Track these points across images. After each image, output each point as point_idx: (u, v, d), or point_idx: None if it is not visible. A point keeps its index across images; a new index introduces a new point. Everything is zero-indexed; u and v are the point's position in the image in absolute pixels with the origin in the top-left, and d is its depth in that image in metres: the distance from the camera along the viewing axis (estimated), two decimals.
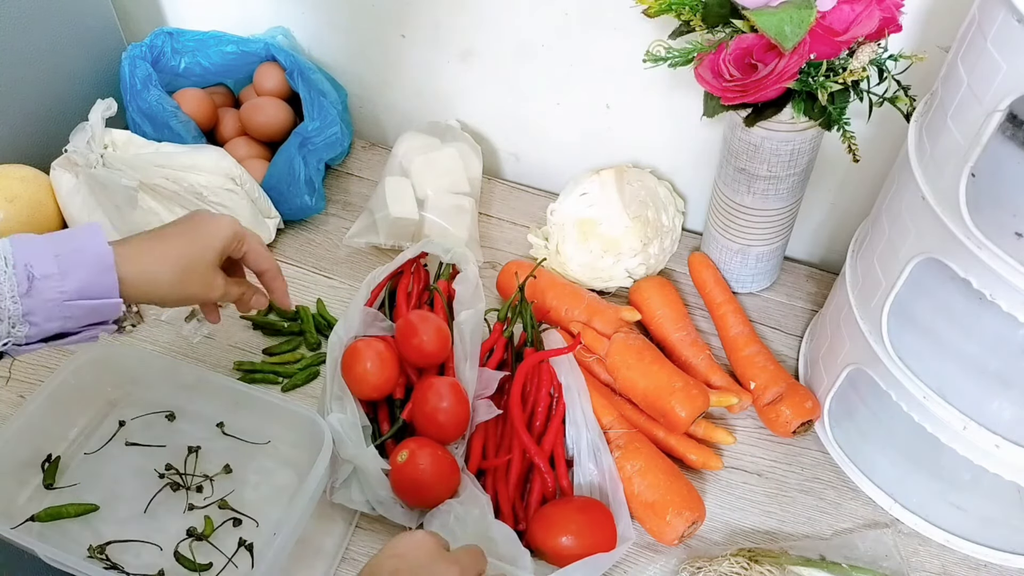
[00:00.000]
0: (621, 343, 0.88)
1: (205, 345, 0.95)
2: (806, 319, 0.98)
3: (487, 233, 1.08)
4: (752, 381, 0.88)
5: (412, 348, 0.84)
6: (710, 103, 0.82)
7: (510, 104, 1.10)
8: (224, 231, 0.71)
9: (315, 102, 1.05)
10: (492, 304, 0.98)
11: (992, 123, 0.57)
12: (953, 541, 0.79)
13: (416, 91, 1.15)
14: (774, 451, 0.87)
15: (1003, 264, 0.59)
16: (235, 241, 0.72)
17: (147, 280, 0.66)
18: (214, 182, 0.97)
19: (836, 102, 0.77)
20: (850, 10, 0.72)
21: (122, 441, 0.84)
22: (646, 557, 0.79)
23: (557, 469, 0.80)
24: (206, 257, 0.70)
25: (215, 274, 0.71)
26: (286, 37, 1.14)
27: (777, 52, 0.73)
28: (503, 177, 1.18)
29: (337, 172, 1.16)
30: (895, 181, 0.72)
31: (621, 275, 0.99)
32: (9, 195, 0.97)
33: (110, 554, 0.75)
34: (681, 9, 0.78)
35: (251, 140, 1.10)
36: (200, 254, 0.69)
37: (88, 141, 0.93)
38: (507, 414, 0.83)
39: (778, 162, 0.85)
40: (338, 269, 1.03)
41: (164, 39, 1.07)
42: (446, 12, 1.03)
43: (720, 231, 0.96)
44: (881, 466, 0.82)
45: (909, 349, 0.73)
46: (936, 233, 0.63)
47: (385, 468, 0.77)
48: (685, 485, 0.79)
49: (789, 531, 0.81)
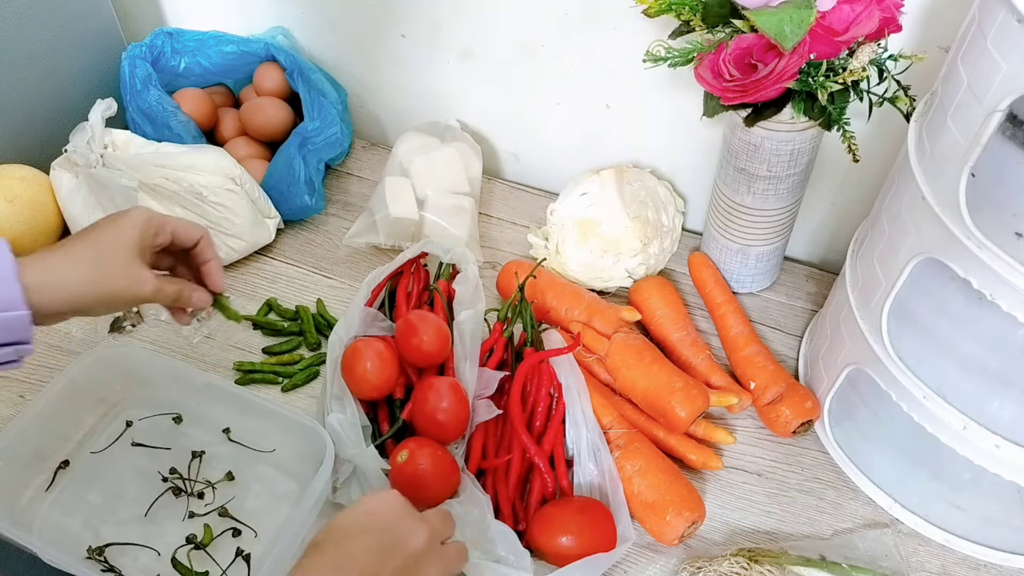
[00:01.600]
0: (621, 343, 0.88)
1: (205, 345, 0.95)
2: (806, 319, 0.98)
3: (487, 233, 1.08)
4: (752, 381, 0.88)
5: (412, 348, 0.84)
6: (710, 103, 0.82)
7: (510, 104, 1.10)
8: (135, 220, 0.67)
9: (315, 102, 1.05)
10: (492, 304, 0.98)
11: (992, 123, 0.57)
12: (953, 541, 0.79)
13: (416, 91, 1.15)
14: (774, 451, 0.87)
15: (1003, 264, 0.59)
16: (151, 228, 0.68)
17: (60, 284, 0.62)
18: (214, 182, 0.97)
19: (836, 102, 0.77)
20: (850, 10, 0.72)
21: (128, 441, 0.84)
22: (646, 557, 0.78)
23: (557, 469, 0.80)
24: (121, 250, 0.66)
25: (139, 268, 0.67)
26: (286, 37, 1.14)
27: (777, 52, 0.73)
28: (503, 177, 1.18)
29: (337, 172, 1.16)
30: (895, 181, 0.72)
31: (621, 275, 0.99)
32: (9, 195, 0.97)
33: (108, 556, 0.75)
34: (681, 9, 0.78)
35: (251, 140, 1.10)
36: (114, 248, 0.65)
37: (88, 141, 0.93)
38: (507, 414, 0.83)
39: (778, 162, 0.85)
40: (338, 269, 1.03)
41: (164, 39, 1.07)
42: (446, 12, 1.03)
43: (720, 231, 0.96)
44: (881, 466, 0.82)
45: (909, 349, 0.73)
46: (936, 233, 0.63)
47: (385, 468, 0.77)
48: (685, 485, 0.79)
49: (789, 531, 0.81)
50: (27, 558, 0.73)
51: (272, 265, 1.04)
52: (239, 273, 1.02)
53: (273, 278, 1.02)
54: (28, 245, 0.99)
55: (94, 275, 0.64)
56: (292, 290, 1.01)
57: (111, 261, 0.65)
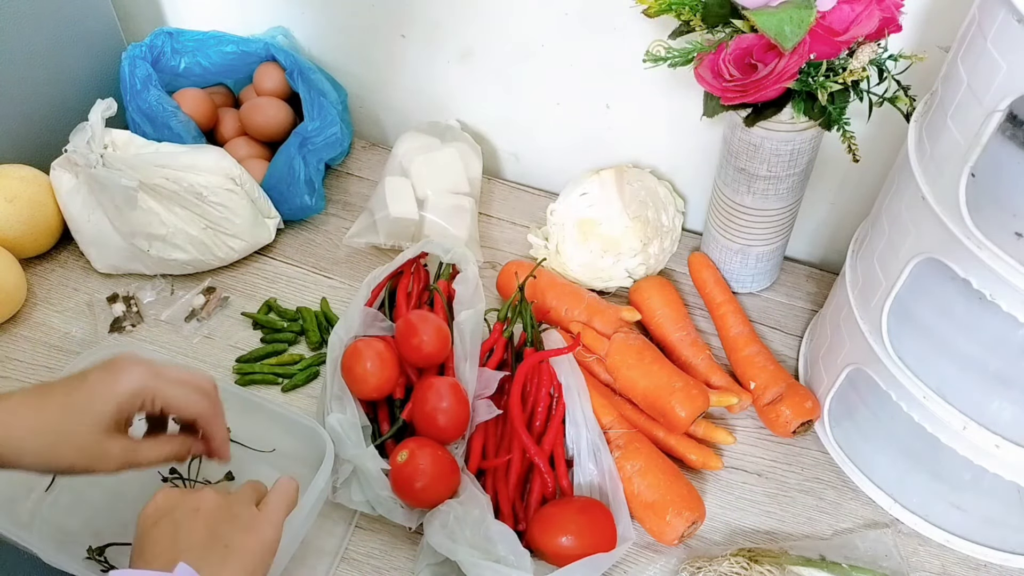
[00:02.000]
0: (621, 343, 0.88)
1: (205, 345, 0.95)
2: (806, 319, 0.98)
3: (487, 233, 1.08)
4: (752, 381, 0.88)
5: (412, 348, 0.84)
6: (710, 103, 0.82)
7: (510, 104, 1.10)
8: (120, 388, 0.61)
9: (315, 102, 1.05)
10: (492, 304, 0.98)
11: (992, 123, 0.57)
12: (953, 541, 0.79)
13: (416, 91, 1.15)
14: (774, 451, 0.87)
15: (1003, 264, 0.59)
16: (137, 400, 0.62)
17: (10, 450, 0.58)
18: (214, 182, 0.97)
19: (836, 102, 0.77)
20: (850, 10, 0.72)
21: None
22: (646, 557, 0.79)
23: (557, 469, 0.80)
24: (85, 424, 0.59)
25: (103, 443, 0.60)
26: (286, 37, 1.14)
27: (777, 52, 0.73)
28: (503, 177, 1.18)
29: (337, 172, 1.16)
30: (895, 181, 0.72)
31: (621, 275, 0.99)
32: (9, 195, 0.97)
33: (108, 556, 0.75)
34: (681, 9, 0.78)
35: (251, 140, 1.10)
36: (78, 421, 0.59)
37: (88, 141, 0.93)
38: (507, 414, 0.83)
39: (778, 162, 0.85)
40: (338, 269, 1.03)
41: (164, 39, 1.07)
42: (446, 12, 1.03)
43: (720, 231, 0.96)
44: (881, 466, 0.82)
45: (909, 349, 0.73)
46: (936, 233, 0.63)
47: (385, 468, 0.77)
48: (685, 485, 0.79)
49: (789, 531, 0.81)
50: (27, 558, 0.73)
51: (272, 265, 1.04)
52: (239, 273, 1.02)
53: (273, 278, 1.02)
54: (28, 245, 0.99)
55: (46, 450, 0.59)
56: (292, 290, 1.01)
57: (69, 439, 0.59)
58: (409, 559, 0.78)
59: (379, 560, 0.78)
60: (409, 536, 0.79)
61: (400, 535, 0.79)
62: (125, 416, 0.62)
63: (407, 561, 0.78)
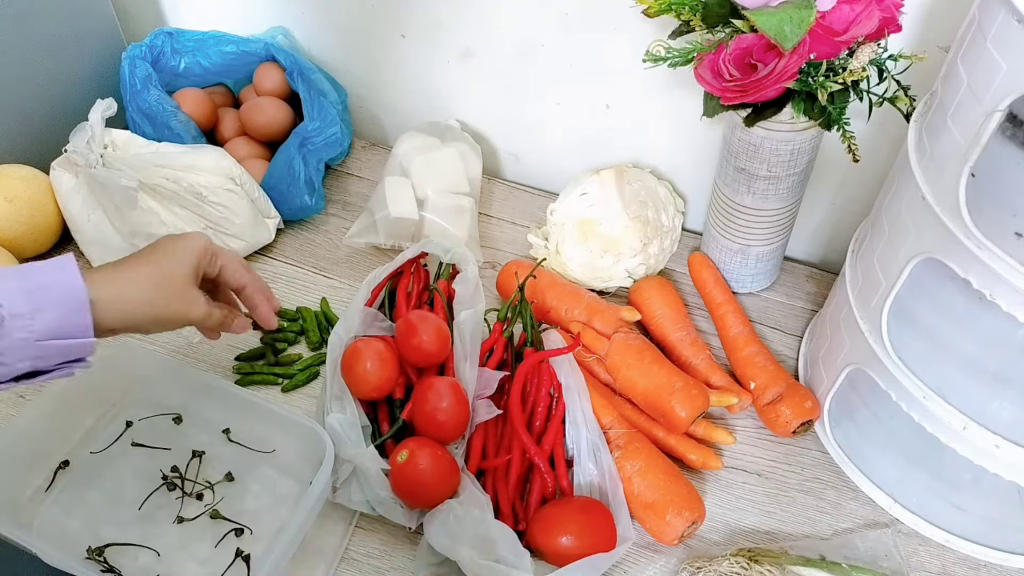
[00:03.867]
0: (621, 343, 0.88)
1: (205, 345, 0.95)
2: (806, 319, 0.98)
3: (487, 233, 1.08)
4: (752, 381, 0.88)
5: (412, 348, 0.84)
6: (710, 103, 0.82)
7: (510, 104, 1.10)
8: (194, 244, 0.69)
9: (315, 102, 1.05)
10: (492, 304, 0.98)
11: (992, 123, 0.57)
12: (953, 541, 0.79)
13: (416, 91, 1.15)
14: (774, 451, 0.87)
15: (1003, 264, 0.59)
16: (208, 255, 0.70)
17: (121, 304, 0.64)
18: (214, 182, 0.97)
19: (836, 102, 0.77)
20: (850, 10, 0.72)
21: (128, 441, 0.84)
22: (646, 557, 0.79)
23: (557, 469, 0.80)
24: (180, 273, 0.68)
25: (193, 291, 0.69)
26: (286, 37, 1.14)
27: (777, 52, 0.73)
28: (503, 177, 1.18)
29: (337, 172, 1.16)
30: (895, 181, 0.72)
31: (621, 275, 0.99)
32: (9, 195, 0.97)
33: (108, 556, 0.75)
34: (681, 9, 0.78)
35: (251, 140, 1.10)
36: (173, 270, 0.68)
37: (88, 141, 0.93)
38: (507, 414, 0.83)
39: (778, 162, 0.85)
40: (338, 269, 1.03)
41: (164, 39, 1.07)
42: (446, 12, 1.03)
43: (720, 231, 0.96)
44: (881, 466, 0.82)
45: (909, 349, 0.73)
46: (936, 233, 0.63)
47: (385, 468, 0.77)
48: (685, 485, 0.79)
49: (789, 531, 0.81)
50: (27, 558, 0.73)
51: (272, 265, 1.04)
52: None
53: (273, 278, 1.02)
54: (28, 245, 0.99)
55: (154, 297, 0.66)
56: (292, 290, 1.01)
57: (170, 285, 0.67)
58: (409, 559, 0.78)
59: (379, 560, 0.78)
60: (409, 536, 0.79)
61: (400, 535, 0.79)
62: (202, 269, 0.70)
63: (407, 561, 0.78)
